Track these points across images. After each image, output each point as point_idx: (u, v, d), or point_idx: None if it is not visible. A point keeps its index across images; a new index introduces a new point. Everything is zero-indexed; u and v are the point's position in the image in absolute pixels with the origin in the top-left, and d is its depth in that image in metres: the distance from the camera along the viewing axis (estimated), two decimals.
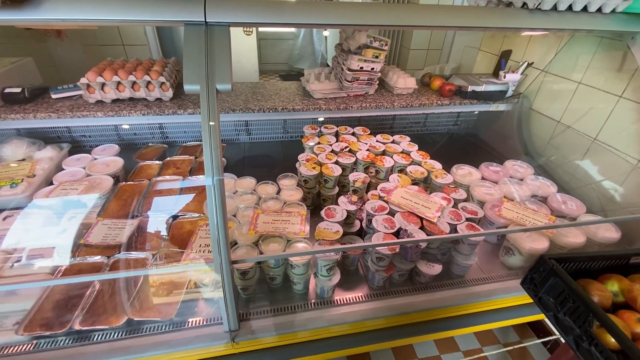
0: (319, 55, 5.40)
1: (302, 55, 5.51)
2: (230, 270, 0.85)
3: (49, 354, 0.92)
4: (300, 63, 5.56)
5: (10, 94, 1.41)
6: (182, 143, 1.83)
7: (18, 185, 1.34)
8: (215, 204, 0.81)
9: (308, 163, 1.38)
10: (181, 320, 0.98)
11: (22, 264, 1.05)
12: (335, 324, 1.06)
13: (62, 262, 1.08)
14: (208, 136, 0.81)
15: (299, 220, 1.11)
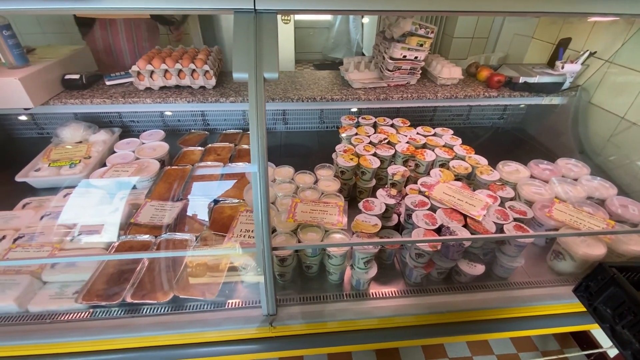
0: (355, 44, 5.29)
1: (337, 44, 5.43)
2: (270, 257, 0.87)
3: (103, 322, 0.99)
4: (334, 52, 5.48)
5: (69, 80, 1.52)
6: (222, 130, 1.88)
7: (76, 165, 1.45)
8: (260, 191, 0.82)
9: (345, 154, 1.37)
10: (221, 301, 1.02)
11: (80, 239, 1.14)
12: (369, 317, 1.05)
13: (115, 239, 1.16)
14: (255, 124, 0.82)
15: (336, 211, 1.10)
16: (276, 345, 1.00)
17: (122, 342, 0.98)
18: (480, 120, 2.04)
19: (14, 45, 1.35)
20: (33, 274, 1.03)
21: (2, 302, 0.96)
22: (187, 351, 0.98)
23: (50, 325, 0.98)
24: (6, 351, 0.98)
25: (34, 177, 1.40)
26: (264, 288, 0.90)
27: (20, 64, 1.38)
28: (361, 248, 0.97)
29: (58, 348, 0.99)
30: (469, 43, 3.20)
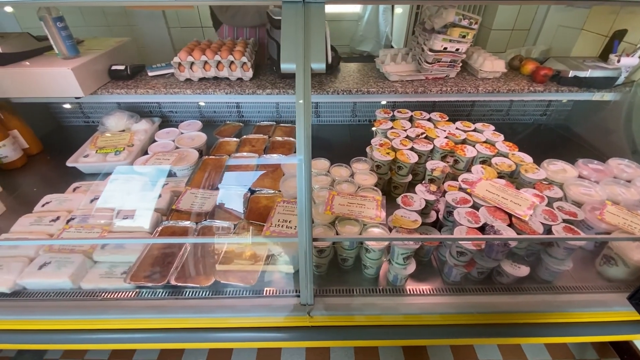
0: (384, 36, 5.17)
1: (366, 36, 5.33)
2: (311, 247, 0.87)
3: (147, 302, 1.04)
4: (362, 45, 5.39)
5: (115, 71, 1.58)
6: (256, 122, 1.91)
7: (121, 152, 1.52)
8: (304, 182, 0.82)
9: (382, 148, 1.35)
10: (259, 289, 1.05)
11: (126, 222, 1.20)
12: (406, 313, 1.04)
13: (158, 223, 1.21)
14: (303, 115, 0.82)
15: (374, 206, 1.09)
16: (313, 334, 1.02)
17: (166, 322, 1.03)
18: (521, 116, 1.94)
19: (67, 37, 1.42)
20: (85, 254, 1.10)
21: (58, 279, 1.03)
22: (227, 335, 1.01)
23: (100, 302, 1.05)
24: (61, 324, 1.05)
25: (83, 162, 1.48)
26: (303, 278, 0.91)
27: (72, 55, 1.45)
28: (401, 244, 0.95)
29: (107, 324, 1.05)
30: (507, 35, 3.05)
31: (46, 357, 1.70)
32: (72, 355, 1.70)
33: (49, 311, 1.03)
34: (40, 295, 1.05)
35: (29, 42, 1.46)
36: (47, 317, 1.02)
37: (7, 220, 1.33)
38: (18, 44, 1.41)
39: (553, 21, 2.73)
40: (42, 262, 1.05)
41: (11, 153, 1.55)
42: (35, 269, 1.04)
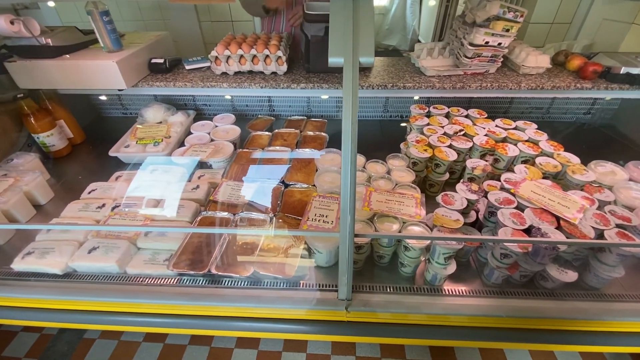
0: (411, 30, 5.06)
1: (392, 30, 5.24)
2: (352, 243, 0.87)
3: (188, 289, 1.08)
4: (388, 39, 5.30)
5: (155, 64, 1.62)
6: (286, 116, 1.92)
7: (159, 144, 1.56)
8: (349, 178, 0.82)
9: (419, 145, 1.32)
10: (297, 281, 1.06)
11: (167, 211, 1.23)
12: (441, 313, 1.02)
13: (197, 214, 1.24)
14: (350, 110, 0.81)
15: (413, 203, 1.07)
16: (349, 330, 1.02)
17: (206, 309, 1.06)
18: (562, 114, 1.85)
19: (112, 31, 1.47)
20: (130, 240, 1.14)
21: (106, 263, 1.08)
22: (265, 325, 1.03)
23: (144, 287, 1.09)
24: (108, 306, 1.10)
25: (124, 152, 1.54)
26: (343, 273, 0.91)
27: (116, 48, 1.50)
28: (444, 243, 0.93)
29: (150, 308, 1.09)
30: (547, 29, 2.90)
31: (85, 335, 1.80)
32: (109, 335, 1.79)
33: (96, 293, 1.08)
34: (89, 278, 1.11)
35: (76, 35, 1.52)
36: (95, 299, 1.07)
37: (56, 206, 1.40)
38: (66, 37, 1.47)
39: (597, 15, 2.58)
40: (91, 247, 1.10)
41: (58, 142, 1.63)
42: (85, 252, 1.09)
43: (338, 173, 1.31)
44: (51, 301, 1.09)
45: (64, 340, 1.78)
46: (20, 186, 1.30)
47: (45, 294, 1.07)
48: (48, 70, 1.44)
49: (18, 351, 1.74)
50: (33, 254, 1.09)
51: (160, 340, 1.77)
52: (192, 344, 1.75)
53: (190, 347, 1.74)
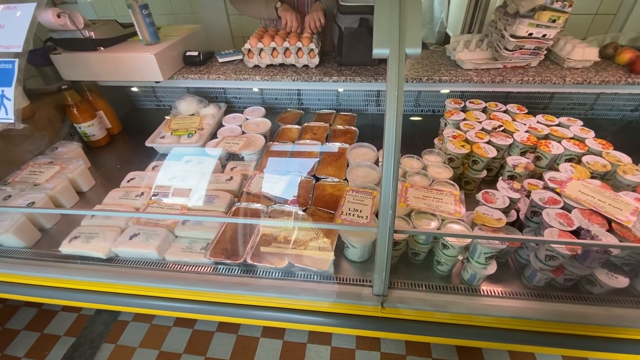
0: (438, 22, 4.90)
1: None
2: (392, 239, 0.86)
3: (224, 278, 1.10)
4: None
5: (189, 57, 1.65)
6: (315, 110, 1.91)
7: (193, 135, 1.60)
8: (392, 173, 0.81)
9: (455, 140, 1.28)
10: (331, 275, 1.06)
11: (203, 201, 1.26)
12: (478, 313, 1.00)
13: (231, 204, 1.26)
14: (395, 104, 0.79)
15: (452, 200, 1.05)
16: (383, 325, 1.01)
17: (240, 298, 1.08)
18: (607, 111, 1.75)
19: (150, 24, 1.50)
20: (168, 228, 1.18)
21: (146, 249, 1.12)
22: (300, 317, 1.04)
23: (182, 274, 1.12)
24: (147, 291, 1.14)
25: (160, 143, 1.58)
26: (380, 268, 0.90)
27: (153, 41, 1.53)
28: (486, 242, 0.91)
29: (188, 295, 1.13)
30: (589, 21, 2.73)
31: (119, 317, 1.88)
32: (141, 319, 1.86)
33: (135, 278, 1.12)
34: (130, 263, 1.15)
35: (116, 28, 1.57)
36: (135, 283, 1.12)
37: (97, 193, 1.47)
38: (108, 30, 1.52)
39: None
40: (132, 233, 1.15)
41: (97, 132, 1.69)
42: (127, 238, 1.14)
43: (371, 168, 1.30)
44: (95, 283, 1.15)
45: (100, 321, 1.87)
46: (66, 173, 1.36)
47: (90, 277, 1.12)
48: (90, 63, 1.49)
49: (58, 329, 1.84)
50: (79, 238, 1.15)
51: (189, 326, 1.82)
52: (220, 330, 1.80)
53: (218, 334, 1.79)
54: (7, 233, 1.15)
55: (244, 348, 1.71)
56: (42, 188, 1.28)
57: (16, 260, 1.18)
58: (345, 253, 1.13)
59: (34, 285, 1.20)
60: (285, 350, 1.70)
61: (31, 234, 1.23)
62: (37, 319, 1.89)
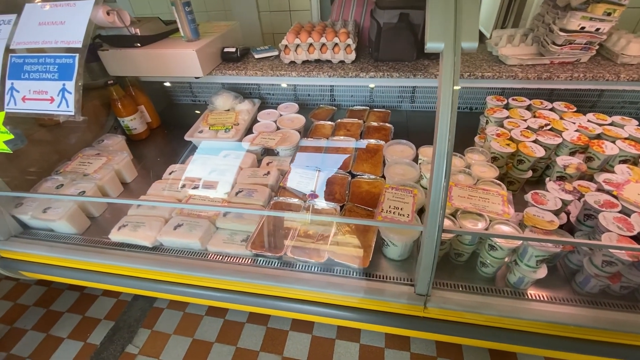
0: None
1: None
2: (440, 238, 0.84)
3: (263, 270, 1.12)
4: None
5: (227, 53, 1.68)
6: (347, 106, 1.90)
7: (230, 130, 1.63)
8: (443, 171, 0.79)
9: (500, 138, 1.24)
10: (371, 272, 1.05)
11: (243, 195, 1.28)
12: (523, 318, 0.96)
13: (269, 198, 1.28)
14: (449, 101, 0.78)
15: (499, 201, 1.01)
16: (425, 325, 1.00)
17: (280, 290, 1.09)
18: None
19: (192, 21, 1.53)
20: (210, 220, 1.21)
21: (190, 239, 1.15)
22: (339, 312, 1.05)
23: (222, 265, 1.15)
24: (188, 279, 1.18)
25: (198, 137, 1.62)
26: (426, 268, 0.89)
27: (194, 38, 1.57)
28: (538, 245, 0.87)
29: (228, 285, 1.15)
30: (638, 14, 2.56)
31: (155, 304, 1.96)
32: (175, 306, 1.93)
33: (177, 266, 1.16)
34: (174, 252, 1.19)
35: (159, 25, 1.62)
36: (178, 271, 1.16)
37: (139, 184, 1.53)
38: (152, 27, 1.57)
39: None
40: (177, 223, 1.19)
41: (139, 126, 1.76)
42: (171, 228, 1.18)
43: (409, 166, 1.28)
44: (141, 270, 1.20)
45: (137, 307, 1.95)
46: (112, 165, 1.42)
47: (137, 264, 1.17)
48: (135, 58, 1.55)
49: (98, 313, 1.94)
50: (127, 226, 1.20)
51: (220, 316, 1.87)
52: (250, 322, 1.84)
53: (248, 325, 1.82)
54: (61, 220, 1.22)
55: (274, 340, 1.74)
56: (91, 178, 1.35)
57: (69, 245, 1.25)
58: (383, 251, 1.12)
59: (82, 270, 1.27)
60: (314, 345, 1.71)
61: (82, 222, 1.30)
62: (79, 302, 2.00)
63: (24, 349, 1.81)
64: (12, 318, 1.97)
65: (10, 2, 1.13)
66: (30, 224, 1.31)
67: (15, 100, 1.01)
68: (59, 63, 0.98)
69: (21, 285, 2.15)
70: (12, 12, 1.07)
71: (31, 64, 1.01)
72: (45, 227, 1.31)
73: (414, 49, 1.53)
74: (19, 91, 1.01)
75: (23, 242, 1.28)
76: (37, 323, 1.94)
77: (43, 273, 1.32)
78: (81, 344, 1.82)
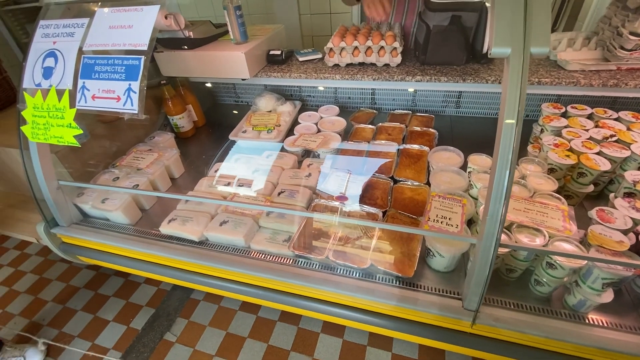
0: None
1: None
2: (496, 252, 0.80)
3: (304, 271, 1.12)
4: None
5: (273, 56, 1.71)
6: (388, 110, 1.88)
7: (272, 131, 1.66)
8: (505, 182, 0.75)
9: (558, 149, 1.16)
10: (415, 282, 1.03)
11: (284, 195, 1.30)
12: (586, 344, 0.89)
13: (311, 200, 1.28)
14: (515, 110, 0.74)
15: (559, 216, 0.95)
16: (472, 342, 0.96)
17: (318, 292, 1.10)
18: None
19: (241, 24, 1.58)
20: (254, 218, 1.24)
21: (235, 236, 1.18)
22: (375, 319, 1.03)
23: (265, 263, 1.17)
24: (231, 275, 1.21)
25: (242, 137, 1.67)
26: (479, 283, 0.85)
27: (243, 40, 1.62)
28: (606, 267, 0.81)
29: (268, 283, 1.17)
30: None
31: (192, 296, 2.04)
32: (211, 299, 2.00)
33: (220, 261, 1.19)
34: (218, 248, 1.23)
35: (210, 28, 1.68)
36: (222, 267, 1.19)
37: (186, 180, 1.60)
38: (204, 30, 1.64)
39: None
40: (222, 220, 1.23)
41: (186, 124, 1.84)
42: (217, 224, 1.22)
43: (457, 174, 1.23)
44: (187, 263, 1.24)
45: (175, 297, 2.04)
46: (162, 161, 1.50)
47: (184, 257, 1.22)
48: (187, 60, 1.62)
49: (140, 300, 2.05)
50: (176, 220, 1.26)
51: (253, 312, 1.91)
52: (281, 320, 1.86)
53: (280, 324, 1.85)
54: (117, 211, 1.30)
55: (305, 341, 1.75)
56: (144, 173, 1.43)
57: (122, 235, 1.33)
58: (428, 261, 1.09)
59: (132, 258, 1.34)
60: (344, 349, 1.70)
61: (135, 213, 1.38)
62: (123, 288, 2.13)
63: (74, 327, 1.94)
64: (64, 298, 2.13)
65: (83, 7, 1.22)
66: (89, 212, 1.42)
67: (86, 98, 1.09)
68: (126, 64, 1.04)
69: (73, 268, 2.32)
70: (85, 17, 1.16)
71: (101, 64, 1.08)
72: (102, 217, 1.41)
73: (463, 53, 1.48)
74: (89, 90, 1.09)
75: (82, 229, 1.38)
76: (87, 304, 2.08)
77: (97, 259, 1.42)
78: (124, 327, 1.93)
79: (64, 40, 1.12)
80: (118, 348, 1.81)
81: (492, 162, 0.76)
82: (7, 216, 1.60)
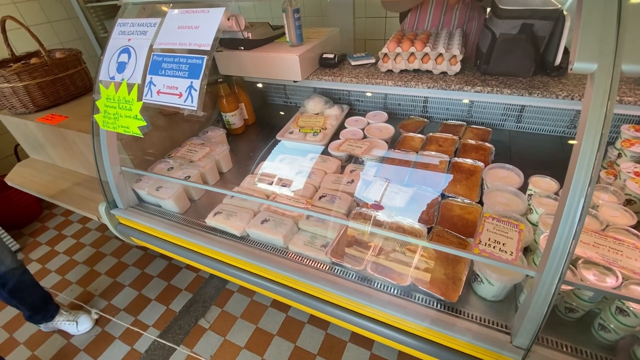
0: None
1: None
2: (558, 289, 0.72)
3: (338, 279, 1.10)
4: None
5: (325, 59, 1.72)
6: (440, 119, 1.79)
7: (318, 134, 1.66)
8: (579, 211, 0.67)
9: (638, 178, 1.02)
10: (458, 308, 0.96)
11: (325, 200, 1.29)
12: None
13: (351, 208, 1.26)
14: (597, 133, 0.65)
15: (637, 256, 0.83)
16: None
17: (354, 304, 1.07)
18: None
19: (298, 27, 1.61)
20: (294, 220, 1.25)
21: (275, 236, 1.20)
22: (415, 342, 0.98)
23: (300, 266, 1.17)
24: (269, 274, 1.23)
25: (288, 138, 1.70)
26: (534, 319, 0.77)
27: (298, 43, 1.64)
28: None
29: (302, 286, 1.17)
30: None
31: (227, 286, 2.12)
32: (244, 292, 2.06)
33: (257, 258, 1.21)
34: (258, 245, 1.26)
35: (267, 30, 1.73)
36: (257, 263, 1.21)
37: (233, 176, 1.66)
38: (261, 32, 1.69)
39: None
40: (264, 218, 1.25)
41: (237, 121, 1.91)
42: (259, 222, 1.24)
43: (515, 195, 1.14)
44: (227, 256, 1.28)
45: (212, 285, 2.13)
46: (213, 155, 1.57)
47: (225, 250, 1.25)
48: (244, 60, 1.68)
49: (180, 284, 2.17)
50: (221, 214, 1.30)
51: (283, 310, 1.94)
52: (310, 323, 1.86)
53: (308, 326, 1.85)
54: (169, 199, 1.39)
55: (332, 348, 1.73)
56: (196, 165, 1.51)
57: (172, 222, 1.41)
58: (474, 287, 1.01)
59: (178, 245, 1.42)
60: None
61: (184, 203, 1.46)
62: (166, 270, 2.27)
63: (121, 301, 2.11)
64: (115, 273, 2.32)
65: (156, 8, 1.32)
66: (145, 198, 1.52)
67: (152, 93, 1.17)
68: (190, 63, 1.10)
69: (125, 246, 2.52)
70: (157, 17, 1.24)
71: (168, 62, 1.16)
72: (155, 203, 1.51)
73: (531, 64, 1.37)
74: (155, 85, 1.17)
75: (137, 213, 1.48)
76: (134, 281, 2.25)
77: (147, 242, 1.52)
78: (164, 308, 2.05)
79: (137, 37, 1.21)
80: (157, 326, 1.93)
81: (563, 188, 0.68)
82: (74, 193, 1.78)
